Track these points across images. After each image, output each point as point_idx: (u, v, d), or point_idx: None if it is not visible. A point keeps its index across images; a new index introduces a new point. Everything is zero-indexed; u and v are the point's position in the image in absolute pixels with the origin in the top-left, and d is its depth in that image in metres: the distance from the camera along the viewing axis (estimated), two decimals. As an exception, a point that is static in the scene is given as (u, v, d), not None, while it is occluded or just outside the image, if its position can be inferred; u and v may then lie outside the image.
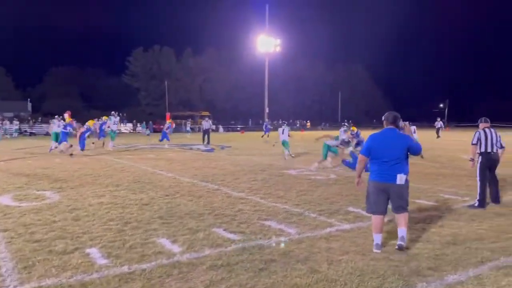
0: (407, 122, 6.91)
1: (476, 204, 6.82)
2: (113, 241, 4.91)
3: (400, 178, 4.58)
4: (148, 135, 40.76)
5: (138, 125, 49.61)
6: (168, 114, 43.36)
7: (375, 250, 4.59)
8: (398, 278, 3.80)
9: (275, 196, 7.76)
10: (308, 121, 64.91)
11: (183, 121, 51.93)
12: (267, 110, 55.82)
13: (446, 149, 19.84)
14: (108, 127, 19.78)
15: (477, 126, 7.33)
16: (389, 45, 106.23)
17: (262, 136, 28.98)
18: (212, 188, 8.64)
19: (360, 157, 4.93)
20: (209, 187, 8.77)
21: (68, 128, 16.75)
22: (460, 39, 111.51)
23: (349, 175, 10.57)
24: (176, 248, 4.66)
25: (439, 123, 33.05)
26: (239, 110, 79.15)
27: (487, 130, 7.05)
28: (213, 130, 38.79)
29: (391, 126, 4.80)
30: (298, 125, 64.26)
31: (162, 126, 47.19)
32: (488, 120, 7.26)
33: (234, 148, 20.79)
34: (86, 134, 17.26)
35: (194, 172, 11.17)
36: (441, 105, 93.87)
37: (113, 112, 21.04)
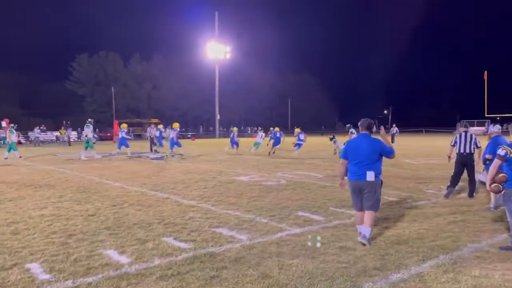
0: (384, 126, 7.32)
1: (445, 193, 8.29)
2: (56, 255, 4.67)
3: (370, 175, 5.04)
4: (94, 143, 39.24)
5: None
6: (116, 122, 41.99)
7: (359, 239, 5.06)
8: (346, 279, 3.91)
9: (226, 203, 7.74)
10: (259, 127, 65.37)
11: (131, 128, 50.60)
12: (218, 117, 55.79)
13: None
14: (86, 135, 19.14)
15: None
16: (336, 54, 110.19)
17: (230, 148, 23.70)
18: (162, 197, 8.47)
19: (340, 160, 5.44)
20: (159, 196, 8.59)
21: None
22: (400, 50, 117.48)
23: (298, 180, 10.78)
24: (124, 259, 4.51)
25: (394, 129, 34.95)
26: (189, 117, 78.37)
27: (463, 134, 8.10)
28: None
29: (365, 132, 5.30)
30: (249, 131, 64.56)
31: (109, 134, 45.81)
32: (467, 125, 8.57)
33: (185, 155, 20.52)
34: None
35: (143, 181, 10.90)
36: (385, 112, 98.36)
37: (90, 120, 20.41)
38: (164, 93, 73.27)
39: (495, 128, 7.59)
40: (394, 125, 36.31)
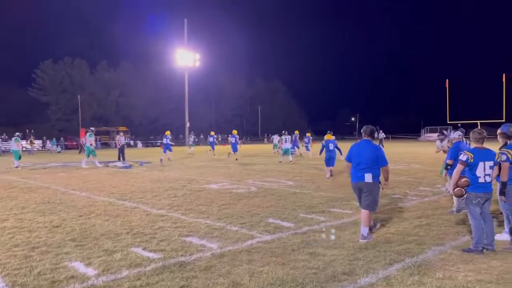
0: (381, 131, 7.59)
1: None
2: (18, 269, 4.49)
3: (368, 177, 5.52)
4: (58, 152, 38.12)
5: (48, 142, 46.12)
6: (82, 130, 40.95)
7: (360, 241, 5.45)
8: (316, 285, 3.96)
9: (196, 212, 7.68)
10: (229, 135, 65.37)
11: (98, 136, 49.50)
12: (188, 124, 55.30)
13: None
14: (91, 144, 19.10)
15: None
16: (306, 61, 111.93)
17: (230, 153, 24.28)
18: (130, 206, 8.31)
19: (346, 163, 5.94)
20: (127, 206, 8.42)
21: None
22: (367, 58, 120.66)
23: (269, 187, 10.83)
24: (90, 271, 4.39)
25: (381, 134, 36.26)
26: (158, 125, 77.33)
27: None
28: (129, 146, 37.43)
29: (367, 138, 5.76)
30: (220, 139, 64.32)
31: (75, 143, 44.56)
32: (464, 131, 8.48)
33: (154, 164, 20.23)
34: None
35: (110, 190, 10.65)
36: (353, 119, 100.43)
37: (92, 129, 20.67)
38: (133, 100, 72.04)
39: (456, 134, 7.87)
40: (381, 131, 37.52)
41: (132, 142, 50.78)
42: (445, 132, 11.12)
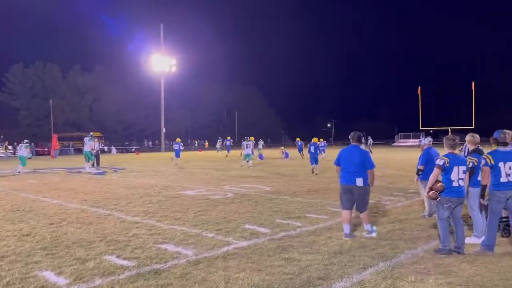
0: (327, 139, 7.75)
1: None
2: (-15, 280, 4.33)
3: (359, 181, 5.94)
4: (29, 158, 37.01)
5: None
6: (54, 136, 39.93)
7: (344, 238, 5.92)
8: (291, 290, 3.97)
9: (172, 218, 7.59)
10: (206, 141, 65.03)
11: (71, 142, 48.51)
12: (164, 130, 54.80)
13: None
14: (93, 149, 19.96)
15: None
16: (282, 67, 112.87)
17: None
18: (104, 214, 8.15)
19: (335, 166, 6.35)
20: (100, 213, 8.26)
21: None
22: (342, 64, 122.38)
23: (245, 193, 10.82)
24: (61, 281, 4.28)
25: (370, 140, 37.31)
26: (133, 131, 76.27)
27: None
28: (103, 152, 36.75)
29: (355, 143, 6.22)
30: (196, 145, 63.97)
31: (47, 149, 43.36)
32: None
33: (129, 170, 19.92)
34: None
35: (83, 197, 10.42)
36: (329, 125, 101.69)
37: (91, 133, 21.81)
38: (107, 105, 70.77)
39: (426, 140, 8.09)
40: (369, 137, 38.72)
41: (106, 148, 49.90)
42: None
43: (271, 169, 19.41)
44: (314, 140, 17.34)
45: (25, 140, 20.99)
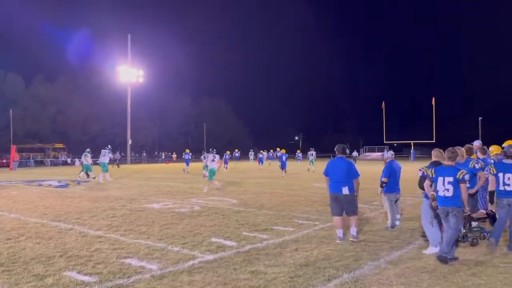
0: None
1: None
2: None
3: (345, 190, 6.51)
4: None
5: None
6: (13, 147, 38.34)
7: (337, 241, 6.48)
8: (256, 304, 3.97)
9: (136, 232, 7.44)
10: (174, 153, 64.23)
11: (31, 154, 46.77)
12: (130, 141, 53.79)
13: (300, 178, 21.63)
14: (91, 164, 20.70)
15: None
16: (249, 80, 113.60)
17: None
18: (65, 228, 7.88)
19: (324, 177, 6.96)
20: (61, 227, 7.98)
21: None
22: (308, 78, 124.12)
23: (212, 206, 10.75)
24: (18, 299, 4.10)
25: (355, 153, 38.28)
26: (99, 142, 74.31)
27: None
28: (66, 163, 35.58)
29: (340, 155, 6.79)
30: (163, 157, 63.06)
31: (5, 160, 41.56)
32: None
33: (93, 182, 19.38)
34: None
35: (43, 211, 10.04)
36: (296, 138, 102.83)
37: (88, 149, 22.34)
38: (71, 116, 68.79)
39: (389, 154, 8.36)
40: (354, 150, 39.87)
41: (69, 160, 48.41)
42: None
43: (238, 182, 19.37)
44: (283, 151, 24.15)
45: (108, 146, 21.73)
